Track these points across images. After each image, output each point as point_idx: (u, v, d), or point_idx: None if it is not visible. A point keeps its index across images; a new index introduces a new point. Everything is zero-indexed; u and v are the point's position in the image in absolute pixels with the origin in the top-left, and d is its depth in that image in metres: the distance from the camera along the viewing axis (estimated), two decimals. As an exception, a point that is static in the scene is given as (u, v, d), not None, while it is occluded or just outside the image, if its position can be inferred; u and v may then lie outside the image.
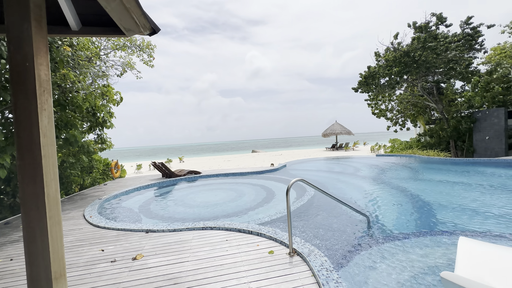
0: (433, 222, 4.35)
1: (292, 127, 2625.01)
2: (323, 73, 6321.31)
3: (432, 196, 5.94)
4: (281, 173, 10.59)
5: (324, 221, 4.62)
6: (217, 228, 3.96)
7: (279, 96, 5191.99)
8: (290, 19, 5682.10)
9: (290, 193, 6.88)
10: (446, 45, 11.35)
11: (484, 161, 10.01)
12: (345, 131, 26.66)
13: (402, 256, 3.18)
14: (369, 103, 16.70)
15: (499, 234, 3.71)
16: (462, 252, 2.85)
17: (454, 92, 13.96)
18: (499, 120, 11.17)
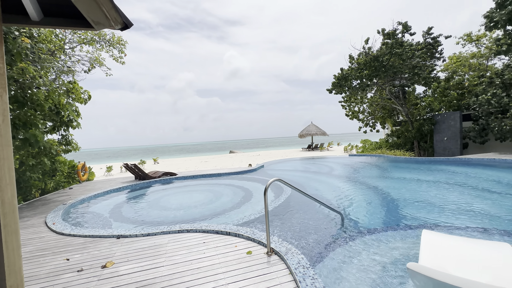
0: (400, 217, 4.67)
1: (270, 128, 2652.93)
2: (299, 75, 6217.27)
3: (399, 193, 6.37)
4: (258, 174, 10.65)
5: (301, 220, 4.74)
6: (194, 231, 3.87)
7: (257, 97, 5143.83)
8: (268, 21, 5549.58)
9: (268, 193, 6.96)
10: (411, 52, 12.26)
11: (442, 160, 10.96)
12: (320, 132, 27.58)
13: (374, 250, 3.37)
14: (343, 105, 17.45)
15: (457, 226, 4.09)
16: (425, 244, 3.09)
17: (416, 97, 15.13)
18: (455, 123, 12.33)
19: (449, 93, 13.63)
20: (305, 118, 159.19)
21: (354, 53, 14.30)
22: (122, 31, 1.75)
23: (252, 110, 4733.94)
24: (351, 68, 14.09)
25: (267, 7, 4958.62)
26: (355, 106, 17.24)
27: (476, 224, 4.09)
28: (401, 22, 12.62)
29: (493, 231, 3.81)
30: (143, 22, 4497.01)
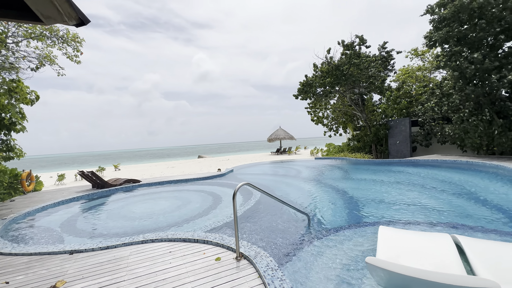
0: (361, 215, 5.01)
1: (239, 132, 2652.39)
2: (269, 80, 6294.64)
3: (359, 193, 6.84)
4: (228, 178, 10.56)
5: (270, 222, 4.80)
6: (159, 240, 3.67)
7: (226, 101, 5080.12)
8: (236, 26, 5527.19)
9: (237, 197, 6.93)
10: (368, 63, 13.40)
11: (396, 162, 12.09)
12: (288, 136, 28.43)
13: (338, 247, 3.56)
14: (309, 111, 18.28)
15: (408, 220, 4.52)
16: (382, 239, 3.36)
17: (373, 104, 16.54)
18: (406, 128, 13.74)
19: (400, 101, 15.18)
20: (274, 122, 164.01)
21: (317, 61, 15.16)
22: (77, 27, 1.63)
23: (221, 114, 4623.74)
24: (315, 75, 14.87)
25: (236, 13, 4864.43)
26: (320, 111, 18.18)
27: (423, 218, 4.58)
28: (358, 35, 13.75)
29: (437, 223, 4.30)
30: (102, 19, 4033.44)
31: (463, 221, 4.36)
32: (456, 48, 10.37)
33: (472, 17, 10.05)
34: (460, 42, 10.52)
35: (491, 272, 2.45)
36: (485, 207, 5.04)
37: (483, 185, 6.67)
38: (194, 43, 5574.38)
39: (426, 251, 2.98)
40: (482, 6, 9.54)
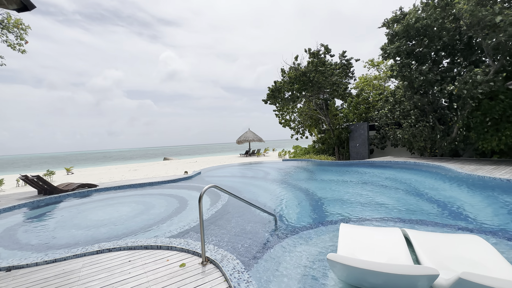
0: (325, 213, 5.27)
1: (208, 134, 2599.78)
2: (239, 83, 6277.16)
3: (323, 192, 7.20)
4: (195, 181, 10.27)
5: (237, 225, 4.79)
6: (117, 249, 3.41)
7: (194, 102, 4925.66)
8: (205, 26, 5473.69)
9: (204, 200, 6.78)
10: (331, 71, 14.24)
11: (355, 163, 13.00)
12: (257, 138, 28.73)
13: (303, 246, 3.68)
14: (277, 114, 18.73)
15: (367, 217, 4.88)
16: (342, 236, 3.57)
17: (335, 109, 17.62)
18: (364, 132, 14.87)
19: (359, 107, 16.39)
20: (243, 124, 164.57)
21: (286, 67, 15.64)
22: (19, 12, 1.44)
23: (188, 115, 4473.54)
24: (283, 81, 15.32)
25: (204, 13, 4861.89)
26: (287, 115, 18.75)
27: (379, 214, 4.99)
28: (323, 44, 14.55)
29: (389, 218, 4.71)
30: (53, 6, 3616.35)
31: (411, 215, 4.86)
32: (406, 60, 11.58)
33: (418, 34, 11.34)
34: (410, 56, 11.77)
35: (432, 260, 2.77)
36: (428, 202, 5.68)
37: (427, 183, 7.52)
38: (161, 40, 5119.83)
39: (380, 245, 3.25)
40: (426, 25, 10.83)
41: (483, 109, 9.91)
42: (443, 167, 9.08)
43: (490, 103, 9.73)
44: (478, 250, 2.91)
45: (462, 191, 6.42)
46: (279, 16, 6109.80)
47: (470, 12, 9.05)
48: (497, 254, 2.77)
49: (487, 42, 9.21)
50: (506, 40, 8.71)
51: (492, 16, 8.68)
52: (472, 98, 9.76)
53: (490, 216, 4.62)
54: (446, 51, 11.64)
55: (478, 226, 4.18)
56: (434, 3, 11.08)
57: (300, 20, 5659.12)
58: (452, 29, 10.84)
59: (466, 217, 4.63)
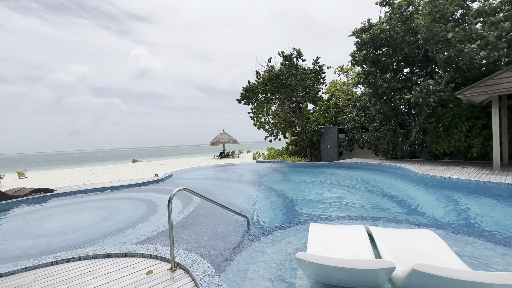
0: (297, 214, 5.41)
1: (182, 135, 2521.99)
2: (215, 84, 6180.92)
3: (295, 193, 7.39)
4: (166, 184, 9.89)
5: (210, 228, 4.71)
6: (76, 259, 3.15)
7: (167, 102, 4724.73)
8: (179, 25, 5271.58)
9: (176, 203, 6.56)
10: (304, 75, 14.73)
11: (326, 164, 13.57)
12: (232, 140, 28.59)
13: (275, 246, 3.74)
14: (251, 116, 18.84)
15: (336, 216, 5.11)
16: (312, 235, 3.70)
17: (308, 112, 18.25)
18: (334, 134, 15.60)
19: (330, 111, 17.16)
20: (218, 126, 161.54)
21: (260, 69, 15.83)
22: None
23: (161, 115, 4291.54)
24: (257, 82, 15.49)
25: (179, 11, 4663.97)
26: (262, 117, 18.96)
27: (346, 213, 5.26)
28: (296, 49, 15.02)
29: (356, 217, 4.99)
30: None
31: (374, 213, 5.20)
32: (371, 68, 12.42)
33: (383, 45, 12.23)
34: (375, 64, 12.64)
35: (391, 254, 3.00)
36: (390, 201, 6.13)
37: (389, 183, 8.11)
38: (131, 36, 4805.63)
39: (346, 242, 3.43)
40: (389, 37, 11.73)
41: (436, 115, 10.99)
42: (403, 168, 9.86)
43: (442, 110, 10.83)
44: (430, 244, 3.21)
45: (419, 190, 7.04)
46: (255, 18, 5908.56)
47: (427, 27, 10.00)
48: (446, 246, 3.08)
49: (439, 56, 10.25)
50: (455, 55, 9.78)
51: (445, 32, 9.69)
52: (427, 106, 10.78)
53: (440, 212, 5.13)
54: (406, 62, 12.72)
55: (431, 221, 4.61)
56: (397, 17, 12.07)
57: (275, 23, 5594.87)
58: (412, 42, 11.89)
59: (421, 214, 5.07)
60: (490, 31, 9.05)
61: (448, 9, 9.72)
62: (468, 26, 9.58)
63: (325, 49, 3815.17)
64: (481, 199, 5.72)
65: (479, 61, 9.51)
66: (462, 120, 10.44)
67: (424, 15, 10.28)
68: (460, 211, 5.07)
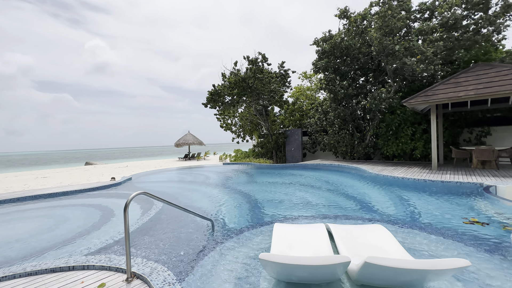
0: (262, 215, 5.48)
1: (144, 136, 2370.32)
2: (181, 83, 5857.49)
3: (261, 194, 7.49)
4: (124, 188, 9.19)
5: (172, 233, 4.50)
6: (10, 277, 2.74)
7: (127, 100, 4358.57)
8: (141, 18, 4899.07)
9: (135, 208, 6.14)
10: (269, 79, 15.08)
11: (291, 166, 14.04)
12: (197, 141, 27.85)
13: (240, 249, 3.72)
14: (218, 117, 18.61)
15: (299, 216, 5.30)
16: (276, 235, 3.78)
17: (274, 115, 18.71)
18: (298, 137, 16.24)
19: (294, 114, 17.83)
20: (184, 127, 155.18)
21: (226, 72, 15.77)
22: None
23: (120, 114, 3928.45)
24: (223, 85, 15.40)
25: (140, 4, 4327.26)
26: (229, 119, 18.86)
27: (309, 212, 5.49)
28: (261, 53, 15.32)
29: (317, 215, 5.25)
30: None
31: (334, 211, 5.53)
32: (332, 76, 13.25)
33: (342, 54, 13.15)
34: (335, 72, 13.52)
35: (347, 249, 3.21)
36: (347, 199, 6.59)
37: (347, 183, 8.72)
38: (85, 26, 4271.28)
39: (308, 241, 3.58)
40: (348, 47, 12.68)
41: (386, 121, 12.18)
42: (359, 169, 10.69)
43: (391, 116, 12.04)
44: (380, 237, 3.52)
45: (372, 188, 7.70)
46: (224, 19, 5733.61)
47: (378, 40, 11.05)
48: (393, 239, 3.41)
49: (389, 67, 11.40)
50: (401, 67, 10.98)
51: (393, 45, 10.82)
52: (379, 112, 11.88)
53: (390, 207, 5.68)
54: (362, 71, 13.87)
55: (382, 216, 5.07)
56: (353, 30, 13.10)
57: (244, 26, 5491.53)
58: (367, 53, 13.01)
59: (374, 210, 5.55)
60: (429, 47, 10.38)
61: (395, 24, 10.88)
62: (411, 42, 10.84)
63: (290, 54, 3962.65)
64: (423, 195, 6.48)
65: (420, 74, 10.82)
66: (408, 125, 11.74)
67: (376, 29, 11.35)
68: (405, 207, 5.68)
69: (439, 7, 11.15)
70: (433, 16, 11.83)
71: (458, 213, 5.03)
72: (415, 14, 12.25)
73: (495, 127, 11.61)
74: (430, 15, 11.98)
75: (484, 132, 11.70)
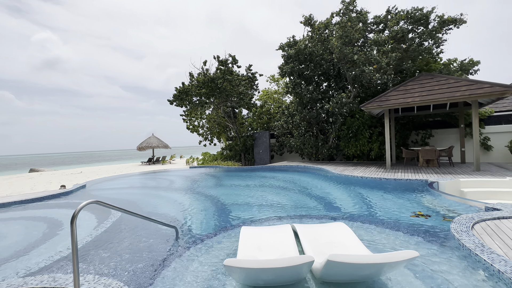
0: (230, 219, 5.38)
1: (102, 139, 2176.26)
2: (145, 83, 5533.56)
3: (229, 198, 7.37)
4: (76, 197, 8.30)
5: (131, 244, 4.16)
6: None
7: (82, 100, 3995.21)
8: (97, 12, 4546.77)
9: (88, 219, 5.57)
10: (238, 81, 15.07)
11: (259, 168, 14.15)
12: (162, 144, 26.55)
13: (206, 255, 3.58)
14: (184, 119, 17.98)
15: (267, 217, 5.32)
16: (242, 238, 3.72)
17: (242, 117, 18.74)
18: (266, 139, 16.48)
19: (262, 117, 18.06)
20: (148, 129, 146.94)
21: (194, 70, 15.36)
22: None
23: (73, 115, 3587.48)
24: (192, 84, 14.95)
25: None
26: (196, 120, 18.35)
27: (277, 213, 5.55)
28: (231, 55, 15.26)
29: (284, 216, 5.32)
30: None
31: (301, 211, 5.67)
32: (297, 80, 13.74)
33: (306, 60, 13.72)
34: (300, 76, 14.05)
35: (312, 248, 3.30)
36: (312, 198, 6.84)
37: (313, 183, 9.07)
38: (30, 16, 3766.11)
39: (274, 242, 3.60)
40: (311, 53, 13.28)
41: (347, 124, 13.01)
42: (324, 169, 11.21)
43: (351, 119, 12.90)
44: (342, 234, 3.69)
45: (335, 187, 8.12)
46: (191, 19, 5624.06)
47: (339, 48, 11.79)
48: (353, 235, 3.60)
49: (349, 74, 12.22)
50: (360, 74, 11.85)
51: (352, 54, 11.62)
52: (341, 115, 12.64)
53: (351, 205, 6.03)
54: (325, 77, 14.64)
55: (344, 214, 5.36)
56: (317, 37, 13.78)
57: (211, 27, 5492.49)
58: (329, 60, 13.77)
59: (337, 208, 5.85)
60: (383, 57, 11.39)
61: (354, 35, 11.73)
62: (368, 52, 11.79)
63: (258, 58, 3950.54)
64: (379, 193, 7.02)
65: (375, 81, 11.80)
66: (365, 128, 12.69)
67: (337, 38, 12.10)
68: (364, 204, 6.08)
69: (390, 21, 12.33)
70: (385, 28, 13.03)
71: (408, 207, 5.54)
72: (371, 26, 13.36)
73: (436, 130, 13.19)
74: (383, 27, 13.17)
75: (428, 134, 13.21)
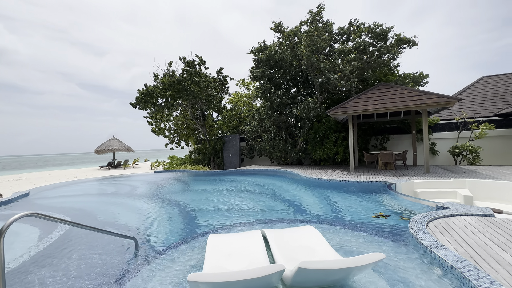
0: (197, 226, 5.09)
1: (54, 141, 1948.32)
2: (107, 82, 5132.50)
3: (195, 204, 7.03)
4: (15, 207, 7.19)
5: (81, 260, 3.67)
6: None
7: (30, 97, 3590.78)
8: (53, 2, 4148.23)
9: (29, 232, 4.82)
10: (207, 83, 14.72)
11: (229, 171, 13.90)
12: (125, 147, 24.75)
13: (169, 268, 3.29)
14: (149, 121, 16.97)
15: (236, 223, 5.14)
16: (210, 247, 3.49)
17: (212, 120, 18.35)
18: (236, 143, 16.31)
19: (232, 120, 17.89)
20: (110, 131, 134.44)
21: (158, 71, 14.63)
22: None
23: (19, 113, 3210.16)
24: (156, 86, 14.20)
25: None
26: (162, 123, 17.45)
27: (245, 219, 5.41)
28: (198, 56, 14.89)
29: (254, 222, 5.21)
30: None
31: (270, 215, 5.62)
32: (267, 85, 13.89)
33: (276, 65, 13.97)
34: (270, 81, 14.24)
35: (282, 254, 3.23)
36: (281, 202, 6.85)
37: (282, 186, 9.14)
38: None
39: (243, 250, 3.44)
40: (281, 59, 13.57)
41: (314, 128, 13.50)
42: (292, 172, 11.42)
43: (318, 124, 13.42)
44: (311, 238, 3.69)
45: (304, 190, 8.28)
46: (157, 17, 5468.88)
47: (307, 56, 12.22)
48: (322, 239, 3.62)
49: (316, 80, 12.72)
50: (326, 81, 12.41)
51: (319, 62, 12.13)
52: (308, 120, 13.07)
53: (318, 208, 6.16)
54: (293, 82, 15.06)
55: (313, 217, 5.44)
56: (286, 44, 14.13)
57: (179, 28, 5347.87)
58: (297, 66, 14.20)
59: (305, 211, 5.92)
60: (347, 66, 12.09)
61: (320, 44, 12.29)
62: (333, 60, 12.43)
63: (229, 62, 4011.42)
64: (344, 195, 7.32)
65: (340, 88, 12.47)
66: (331, 132, 13.29)
67: (305, 46, 12.54)
68: (330, 206, 6.27)
69: (353, 33, 13.20)
70: (349, 39, 13.90)
71: (371, 208, 5.85)
72: (335, 36, 14.14)
73: (392, 135, 14.38)
74: (347, 38, 14.03)
75: (385, 139, 14.32)
